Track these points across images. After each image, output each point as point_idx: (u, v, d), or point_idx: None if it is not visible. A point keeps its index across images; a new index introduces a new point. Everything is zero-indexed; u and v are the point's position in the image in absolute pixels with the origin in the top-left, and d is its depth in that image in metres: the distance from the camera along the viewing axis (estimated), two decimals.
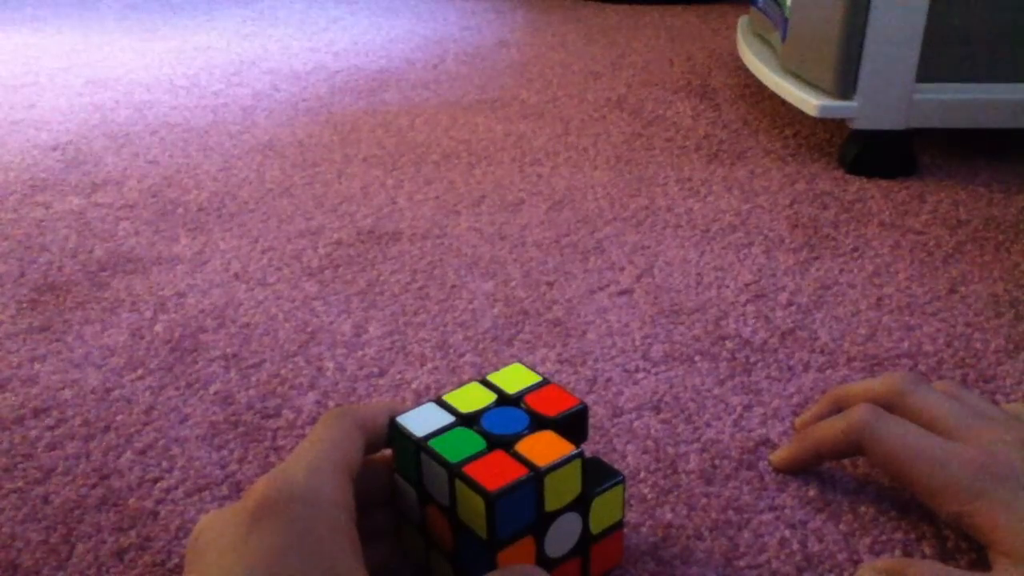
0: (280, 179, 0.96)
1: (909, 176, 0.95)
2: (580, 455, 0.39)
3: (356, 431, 0.39)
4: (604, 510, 0.42)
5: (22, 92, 1.26)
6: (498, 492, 0.37)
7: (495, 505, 0.37)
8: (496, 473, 0.38)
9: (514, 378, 0.45)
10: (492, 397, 0.43)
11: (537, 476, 0.38)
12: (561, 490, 0.39)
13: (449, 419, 0.42)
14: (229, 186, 0.94)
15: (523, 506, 0.38)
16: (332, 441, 0.38)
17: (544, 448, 0.40)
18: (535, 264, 0.77)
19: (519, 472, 0.38)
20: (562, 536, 0.41)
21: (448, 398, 0.43)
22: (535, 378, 0.44)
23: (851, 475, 0.52)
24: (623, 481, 0.42)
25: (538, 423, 0.42)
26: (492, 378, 0.45)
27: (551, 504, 0.40)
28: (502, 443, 0.40)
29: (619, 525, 0.43)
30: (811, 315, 0.69)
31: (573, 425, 0.42)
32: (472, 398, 0.43)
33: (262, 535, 0.32)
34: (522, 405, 0.42)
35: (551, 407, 0.42)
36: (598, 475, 0.42)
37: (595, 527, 0.42)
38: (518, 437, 0.40)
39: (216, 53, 1.45)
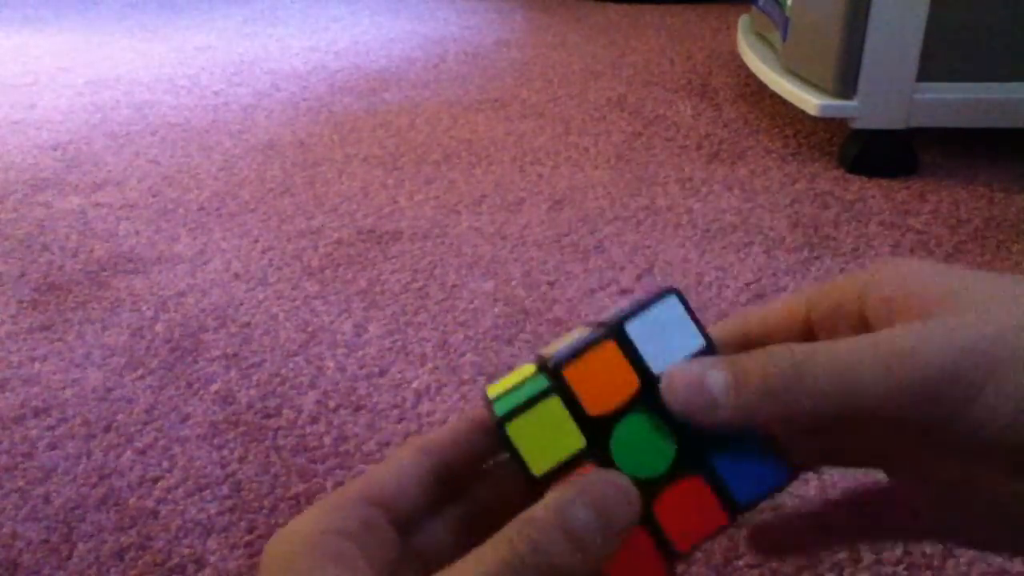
0: (280, 179, 0.96)
1: (909, 175, 0.95)
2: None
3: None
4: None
5: (22, 92, 1.26)
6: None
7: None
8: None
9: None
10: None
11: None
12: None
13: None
14: (229, 186, 0.94)
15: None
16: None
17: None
18: (536, 263, 0.77)
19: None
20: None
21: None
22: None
23: (851, 475, 0.52)
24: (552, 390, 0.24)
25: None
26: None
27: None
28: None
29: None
30: None
31: None
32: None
33: None
34: None
35: None
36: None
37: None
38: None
39: (216, 53, 1.45)
